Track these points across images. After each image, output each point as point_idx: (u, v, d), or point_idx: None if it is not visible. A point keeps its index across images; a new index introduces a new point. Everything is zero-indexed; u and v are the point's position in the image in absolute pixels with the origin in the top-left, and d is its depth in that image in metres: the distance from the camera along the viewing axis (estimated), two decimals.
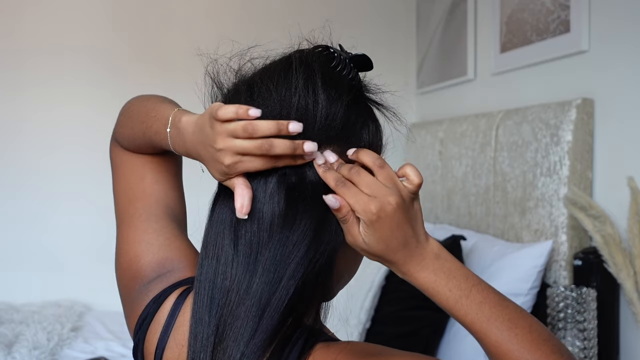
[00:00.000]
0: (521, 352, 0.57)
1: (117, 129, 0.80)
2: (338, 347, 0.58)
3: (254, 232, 0.58)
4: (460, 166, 2.17)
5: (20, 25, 2.57)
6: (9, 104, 2.58)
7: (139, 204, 0.74)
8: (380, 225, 0.57)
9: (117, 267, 0.74)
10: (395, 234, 0.58)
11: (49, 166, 2.60)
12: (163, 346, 0.63)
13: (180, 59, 2.73)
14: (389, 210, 0.57)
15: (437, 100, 2.67)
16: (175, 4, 2.75)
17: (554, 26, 1.82)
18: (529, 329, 0.58)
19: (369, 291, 1.81)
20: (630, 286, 1.44)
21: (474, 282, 0.60)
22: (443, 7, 2.57)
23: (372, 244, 0.58)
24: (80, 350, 2.11)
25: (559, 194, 1.65)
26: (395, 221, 0.58)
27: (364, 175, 0.58)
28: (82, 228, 2.60)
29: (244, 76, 0.64)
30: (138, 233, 0.72)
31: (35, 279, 2.56)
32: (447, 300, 0.59)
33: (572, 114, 1.63)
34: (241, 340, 0.56)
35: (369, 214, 0.57)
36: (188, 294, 0.65)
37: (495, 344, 0.58)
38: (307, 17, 2.76)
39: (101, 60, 2.65)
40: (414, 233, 0.60)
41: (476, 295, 0.59)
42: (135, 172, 0.77)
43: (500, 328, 0.58)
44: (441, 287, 0.59)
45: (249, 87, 0.62)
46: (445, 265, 0.60)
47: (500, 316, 0.58)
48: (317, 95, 0.59)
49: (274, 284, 0.57)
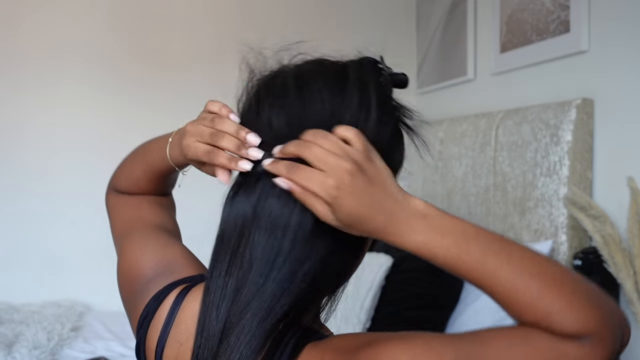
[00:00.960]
0: (533, 301, 0.52)
1: (115, 174, 0.84)
2: (324, 346, 0.57)
3: (276, 238, 0.57)
4: (460, 166, 2.17)
5: (21, 28, 2.57)
6: (11, 106, 2.58)
7: (136, 223, 0.77)
8: (345, 198, 0.53)
9: (118, 277, 0.75)
10: (363, 200, 0.54)
11: (50, 167, 2.60)
12: (163, 344, 0.63)
13: (180, 61, 2.73)
14: (347, 180, 0.53)
15: (437, 100, 2.67)
16: (175, 5, 2.75)
17: (554, 26, 1.82)
18: (538, 274, 0.53)
19: (369, 291, 1.81)
20: (630, 286, 1.44)
21: (472, 235, 0.54)
22: (443, 7, 2.57)
23: (344, 218, 0.54)
24: (80, 350, 2.11)
25: (558, 194, 1.65)
26: (359, 187, 0.54)
27: (312, 147, 0.55)
28: (82, 228, 2.60)
29: (288, 72, 0.63)
30: (135, 242, 0.74)
31: (35, 279, 2.56)
32: (445, 260, 0.55)
33: (572, 114, 1.63)
34: (243, 341, 0.56)
35: (328, 190, 0.53)
36: (187, 292, 0.65)
37: (505, 297, 0.53)
38: (307, 17, 2.76)
39: (102, 62, 2.65)
40: (386, 193, 0.55)
41: (476, 248, 0.54)
42: (131, 204, 0.80)
43: (508, 278, 0.53)
44: (437, 248, 0.54)
45: (298, 86, 0.61)
46: (435, 223, 0.55)
47: (505, 266, 0.53)
48: (370, 115, 0.59)
49: (284, 289, 0.57)
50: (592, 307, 0.53)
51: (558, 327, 0.52)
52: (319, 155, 0.54)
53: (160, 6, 2.72)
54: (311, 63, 0.64)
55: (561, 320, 0.52)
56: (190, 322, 0.63)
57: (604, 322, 0.53)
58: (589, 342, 0.52)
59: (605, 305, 0.54)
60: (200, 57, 2.74)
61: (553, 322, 0.52)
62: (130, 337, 2.19)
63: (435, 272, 1.82)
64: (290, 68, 0.63)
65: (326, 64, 0.64)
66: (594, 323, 0.52)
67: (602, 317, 0.53)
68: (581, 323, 0.52)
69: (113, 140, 2.60)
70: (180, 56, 2.72)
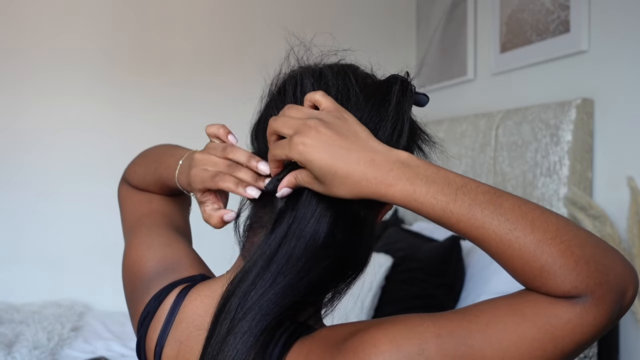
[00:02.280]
0: (525, 258, 0.49)
1: (129, 167, 0.83)
2: (312, 339, 0.57)
3: (289, 247, 0.58)
4: (460, 166, 2.17)
5: (20, 24, 2.57)
6: (9, 103, 2.58)
7: (145, 219, 0.77)
8: (312, 152, 0.54)
9: (123, 270, 0.75)
10: (334, 152, 0.53)
11: (50, 167, 2.60)
12: (162, 343, 0.63)
13: (180, 60, 2.73)
14: (312, 133, 0.54)
15: (437, 100, 2.67)
16: (176, 4, 2.75)
17: (553, 26, 1.82)
18: (530, 228, 0.50)
19: (369, 291, 1.81)
20: None
21: (459, 185, 0.52)
22: (443, 7, 2.57)
23: (320, 175, 0.54)
24: (80, 350, 2.11)
25: (559, 194, 1.65)
26: (325, 140, 0.54)
27: (280, 118, 0.58)
28: (82, 228, 2.60)
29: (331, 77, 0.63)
30: (141, 237, 0.74)
31: (35, 279, 2.56)
32: (433, 209, 0.52)
33: (572, 114, 1.63)
34: (240, 338, 0.56)
35: (298, 147, 0.54)
36: (187, 292, 0.65)
37: (496, 250, 0.51)
38: (307, 17, 2.76)
39: (103, 60, 2.65)
40: (361, 145, 0.54)
41: (463, 198, 0.51)
42: (143, 198, 0.81)
43: (498, 232, 0.50)
44: (422, 197, 0.52)
45: (345, 98, 0.62)
46: (420, 172, 0.53)
47: (495, 218, 0.50)
48: (399, 143, 0.61)
49: (287, 294, 0.57)
50: (584, 265, 0.49)
51: (549, 286, 0.49)
52: (285, 121, 0.56)
53: (161, 5, 2.72)
54: (353, 73, 0.64)
55: (552, 279, 0.49)
56: (191, 320, 0.63)
57: (596, 280, 0.49)
58: (581, 302, 0.49)
59: (601, 262, 0.50)
60: (200, 57, 2.74)
61: (545, 279, 0.49)
62: (130, 337, 2.19)
63: (436, 272, 1.83)
64: (335, 72, 0.64)
65: (369, 82, 0.64)
66: (585, 282, 0.48)
67: (594, 275, 0.49)
68: (570, 282, 0.48)
69: (113, 140, 2.61)
70: (181, 56, 2.72)
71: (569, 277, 0.48)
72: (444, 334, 0.50)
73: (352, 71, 0.64)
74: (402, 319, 0.54)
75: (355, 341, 0.53)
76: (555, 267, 0.48)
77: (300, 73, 0.64)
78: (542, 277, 0.49)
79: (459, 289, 1.82)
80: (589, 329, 0.49)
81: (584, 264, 0.49)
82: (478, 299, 1.69)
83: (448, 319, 0.52)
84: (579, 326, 0.49)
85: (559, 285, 0.48)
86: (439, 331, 0.50)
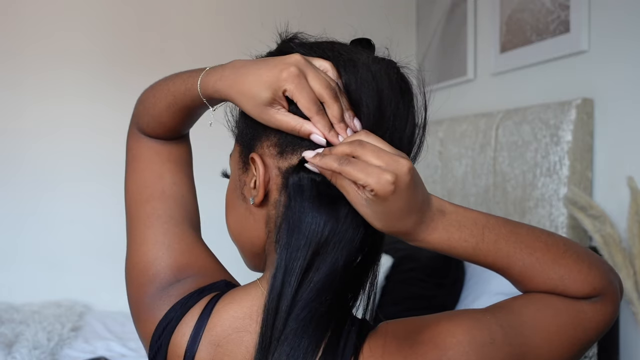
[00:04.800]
0: (546, 273, 0.58)
1: (137, 105, 0.75)
2: (382, 336, 0.59)
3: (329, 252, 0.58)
4: (460, 166, 2.17)
5: (20, 24, 2.57)
6: (9, 103, 2.58)
7: (157, 204, 0.71)
8: (396, 197, 0.52)
9: (129, 267, 0.70)
10: (410, 202, 0.54)
11: (50, 166, 2.60)
12: (194, 348, 0.61)
13: (180, 60, 2.73)
14: (405, 178, 0.52)
15: (437, 100, 2.66)
16: (176, 4, 2.75)
17: (553, 26, 1.82)
18: (546, 248, 0.59)
19: None
20: (629, 286, 1.44)
21: (483, 223, 0.58)
22: (443, 7, 2.57)
23: (381, 215, 0.54)
24: (80, 350, 2.11)
25: (558, 194, 1.65)
26: (411, 188, 0.53)
27: (368, 146, 0.53)
28: (82, 228, 2.60)
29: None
30: (158, 235, 0.69)
31: (35, 279, 2.56)
32: (465, 251, 0.58)
33: (572, 114, 1.63)
34: (301, 334, 0.56)
35: (385, 186, 0.51)
36: (217, 299, 0.63)
37: (520, 274, 0.59)
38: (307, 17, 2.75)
39: (102, 60, 2.65)
40: (424, 197, 0.56)
41: (489, 235, 0.58)
42: (153, 169, 0.73)
43: (520, 257, 0.58)
44: (456, 242, 0.57)
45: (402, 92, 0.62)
46: (452, 218, 0.57)
47: (517, 246, 0.58)
48: (422, 138, 0.63)
49: (332, 281, 0.57)
50: (595, 269, 0.60)
51: (572, 291, 0.59)
52: (375, 152, 0.53)
53: (161, 5, 2.72)
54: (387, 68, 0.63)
55: (574, 284, 0.59)
56: (228, 324, 0.61)
57: (607, 281, 0.60)
58: (600, 300, 0.60)
59: (602, 266, 0.61)
60: (200, 57, 2.74)
61: (566, 287, 0.59)
62: (130, 337, 2.19)
63: (435, 272, 1.83)
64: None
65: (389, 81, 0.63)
66: (600, 283, 0.60)
67: (604, 277, 0.60)
68: (590, 285, 0.59)
69: (113, 140, 2.60)
70: (181, 56, 2.72)
71: (587, 280, 0.59)
72: (505, 326, 0.57)
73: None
74: (466, 313, 0.59)
75: (431, 333, 0.57)
76: (573, 274, 0.59)
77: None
78: (563, 285, 0.59)
79: (459, 289, 1.82)
80: (605, 322, 0.61)
81: (595, 269, 0.60)
82: (478, 299, 1.69)
83: (502, 313, 0.58)
84: (602, 321, 0.60)
85: (579, 288, 0.59)
86: (500, 322, 0.57)
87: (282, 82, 0.56)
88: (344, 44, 0.64)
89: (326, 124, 0.56)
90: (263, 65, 0.58)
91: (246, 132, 0.64)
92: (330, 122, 0.57)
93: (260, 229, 0.63)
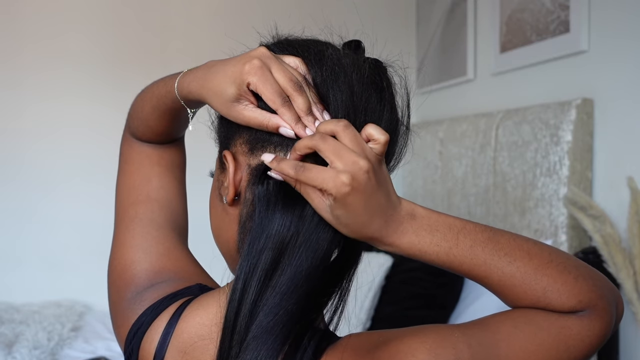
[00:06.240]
0: (527, 283, 0.54)
1: (129, 109, 0.76)
2: (340, 346, 0.56)
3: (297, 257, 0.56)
4: (460, 166, 2.17)
5: (20, 24, 2.57)
6: (9, 102, 2.58)
7: (141, 208, 0.71)
8: (353, 198, 0.51)
9: (110, 269, 0.70)
10: (370, 203, 0.52)
11: (50, 166, 2.60)
12: (162, 354, 0.60)
13: (180, 60, 2.73)
14: (362, 179, 0.51)
15: (437, 100, 2.67)
16: (176, 4, 2.75)
17: (553, 26, 1.82)
18: (528, 257, 0.55)
19: (369, 291, 1.81)
20: (629, 286, 1.44)
21: (459, 228, 0.55)
22: (443, 7, 2.57)
23: (343, 216, 0.52)
24: (80, 350, 2.11)
25: (558, 194, 1.65)
26: (369, 190, 0.51)
27: (329, 140, 0.52)
28: (82, 228, 2.60)
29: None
30: (136, 238, 0.69)
31: (35, 279, 2.56)
32: (437, 257, 0.54)
33: (572, 114, 1.63)
34: (260, 340, 0.54)
35: (340, 188, 0.50)
36: (187, 305, 0.62)
37: (499, 284, 0.55)
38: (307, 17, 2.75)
39: (102, 60, 2.65)
40: (388, 199, 0.54)
41: (465, 240, 0.54)
42: (142, 172, 0.73)
43: (499, 266, 0.54)
44: (427, 246, 0.54)
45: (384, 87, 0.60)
46: (424, 222, 0.55)
47: (495, 254, 0.54)
48: (406, 130, 0.62)
49: (296, 292, 0.55)
50: (583, 281, 0.55)
51: (556, 304, 0.54)
52: (336, 148, 0.51)
53: (161, 5, 2.72)
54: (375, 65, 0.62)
55: (557, 297, 0.54)
56: (194, 330, 0.60)
57: (596, 294, 0.55)
58: (587, 315, 0.55)
59: (595, 278, 0.56)
60: (200, 57, 2.74)
61: (550, 300, 0.54)
62: None
63: (435, 272, 1.83)
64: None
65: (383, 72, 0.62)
66: (588, 296, 0.54)
67: (593, 290, 0.55)
68: (575, 297, 0.54)
69: (113, 140, 2.60)
70: (181, 56, 2.72)
71: (572, 292, 0.54)
72: (474, 344, 0.53)
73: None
74: (432, 329, 0.55)
75: (391, 350, 0.53)
76: (557, 286, 0.54)
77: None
78: (546, 298, 0.54)
79: (459, 289, 1.82)
80: (596, 339, 0.55)
81: (582, 280, 0.55)
82: (478, 299, 1.69)
83: (473, 330, 0.54)
84: (588, 337, 0.55)
85: (564, 301, 0.54)
86: (469, 341, 0.53)
87: (245, 75, 0.55)
88: (318, 41, 0.63)
89: (293, 116, 0.55)
90: (230, 61, 0.57)
91: (221, 130, 0.64)
92: (298, 115, 0.55)
93: (234, 229, 0.61)
